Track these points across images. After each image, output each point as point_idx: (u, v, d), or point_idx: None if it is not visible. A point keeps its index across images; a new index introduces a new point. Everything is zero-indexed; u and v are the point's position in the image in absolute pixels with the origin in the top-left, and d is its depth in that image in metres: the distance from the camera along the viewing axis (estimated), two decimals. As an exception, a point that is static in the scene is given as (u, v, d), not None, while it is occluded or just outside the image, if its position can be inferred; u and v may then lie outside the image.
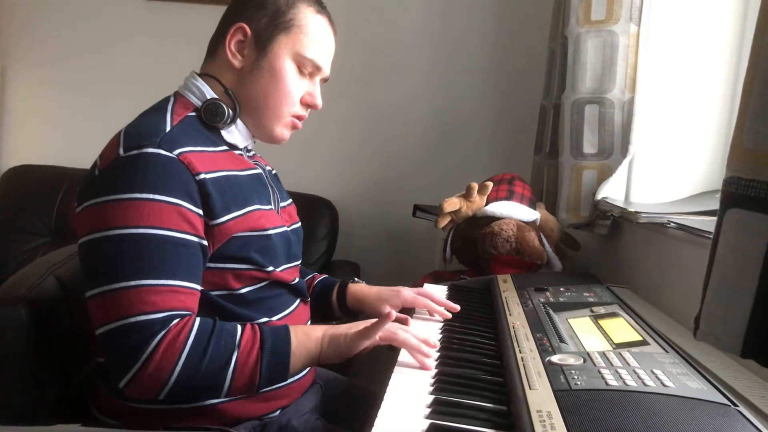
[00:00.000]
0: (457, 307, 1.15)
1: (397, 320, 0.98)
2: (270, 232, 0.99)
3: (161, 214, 0.85)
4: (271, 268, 0.99)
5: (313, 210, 2.14)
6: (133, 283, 0.82)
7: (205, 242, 0.90)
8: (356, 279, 1.25)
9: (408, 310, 1.17)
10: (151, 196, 0.84)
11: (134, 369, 0.80)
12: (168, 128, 0.91)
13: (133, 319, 0.81)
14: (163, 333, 0.81)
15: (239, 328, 0.88)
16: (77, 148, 2.26)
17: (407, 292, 1.17)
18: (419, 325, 1.10)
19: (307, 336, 0.92)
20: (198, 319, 0.86)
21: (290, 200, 1.17)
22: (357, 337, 0.92)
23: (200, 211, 0.89)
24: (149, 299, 0.82)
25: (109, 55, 2.29)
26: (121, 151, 0.87)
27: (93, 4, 2.28)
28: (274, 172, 1.18)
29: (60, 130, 2.35)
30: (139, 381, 0.81)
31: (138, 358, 0.80)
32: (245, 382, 0.86)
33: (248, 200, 0.97)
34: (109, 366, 0.85)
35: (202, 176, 0.89)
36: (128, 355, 0.80)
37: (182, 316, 0.84)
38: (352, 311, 1.22)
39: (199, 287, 0.89)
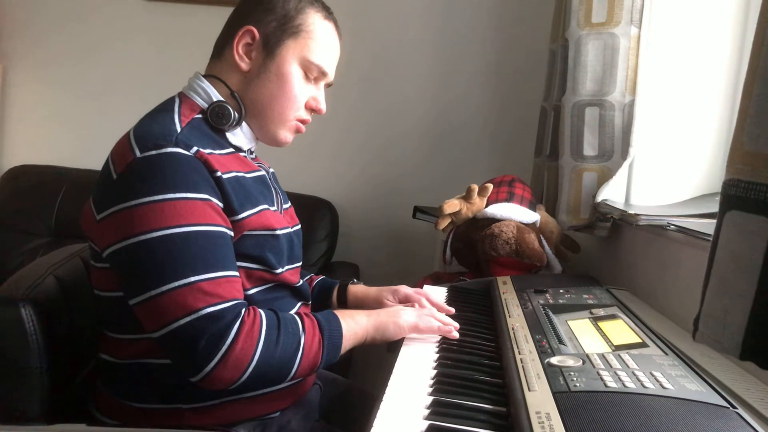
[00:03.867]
0: (452, 310, 1.15)
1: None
2: (278, 232, 1.00)
3: (198, 211, 0.86)
4: (279, 270, 1.00)
5: (314, 211, 2.14)
6: (192, 278, 0.82)
7: (232, 233, 0.92)
8: (355, 280, 1.27)
9: None
10: (183, 195, 0.85)
11: (216, 358, 0.81)
12: (179, 129, 0.91)
13: (205, 311, 0.81)
14: (239, 321, 0.83)
15: (296, 316, 0.92)
16: (78, 148, 2.27)
17: (405, 288, 1.21)
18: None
19: (354, 321, 0.98)
20: (260, 309, 0.89)
21: (289, 202, 1.17)
22: (406, 327, 1.00)
23: (222, 205, 0.90)
24: (212, 291, 0.83)
25: (110, 55, 2.30)
26: (137, 153, 0.86)
27: (93, 4, 2.29)
28: (273, 173, 1.19)
29: (60, 130, 2.35)
30: (222, 369, 0.82)
31: (220, 346, 0.81)
32: (309, 366, 0.90)
33: (258, 200, 0.98)
34: (184, 361, 0.84)
35: (219, 174, 0.90)
36: (209, 345, 0.81)
37: (245, 305, 0.87)
38: None
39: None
